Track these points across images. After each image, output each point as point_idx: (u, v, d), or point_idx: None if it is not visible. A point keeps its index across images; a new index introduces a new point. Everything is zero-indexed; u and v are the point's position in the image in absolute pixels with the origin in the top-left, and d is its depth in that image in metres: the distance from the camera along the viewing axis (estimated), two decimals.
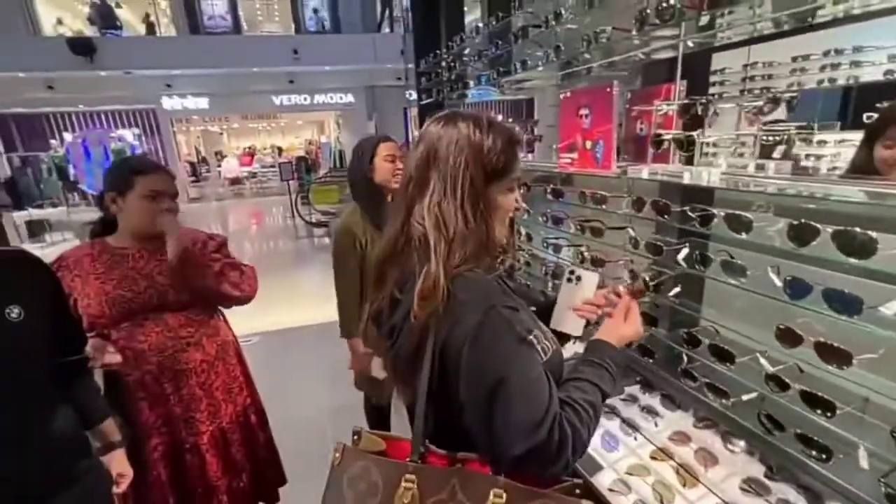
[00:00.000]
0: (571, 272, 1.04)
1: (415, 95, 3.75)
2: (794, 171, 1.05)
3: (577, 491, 0.73)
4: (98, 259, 1.32)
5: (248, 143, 17.30)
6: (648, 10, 1.20)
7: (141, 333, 1.32)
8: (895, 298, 0.79)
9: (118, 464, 1.21)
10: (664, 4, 1.14)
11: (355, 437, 0.83)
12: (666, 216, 1.20)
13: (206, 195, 14.24)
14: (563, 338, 1.00)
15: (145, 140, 12.34)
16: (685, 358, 1.23)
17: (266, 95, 12.69)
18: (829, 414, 0.88)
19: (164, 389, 1.36)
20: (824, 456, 0.90)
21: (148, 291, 1.33)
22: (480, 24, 2.28)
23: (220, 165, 15.50)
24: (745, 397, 1.08)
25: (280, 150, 16.54)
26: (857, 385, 0.86)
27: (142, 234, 1.33)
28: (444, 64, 2.73)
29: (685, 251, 1.17)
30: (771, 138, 1.10)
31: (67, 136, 10.56)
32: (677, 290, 1.24)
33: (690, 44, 1.23)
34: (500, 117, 2.14)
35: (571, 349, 1.13)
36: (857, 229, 0.78)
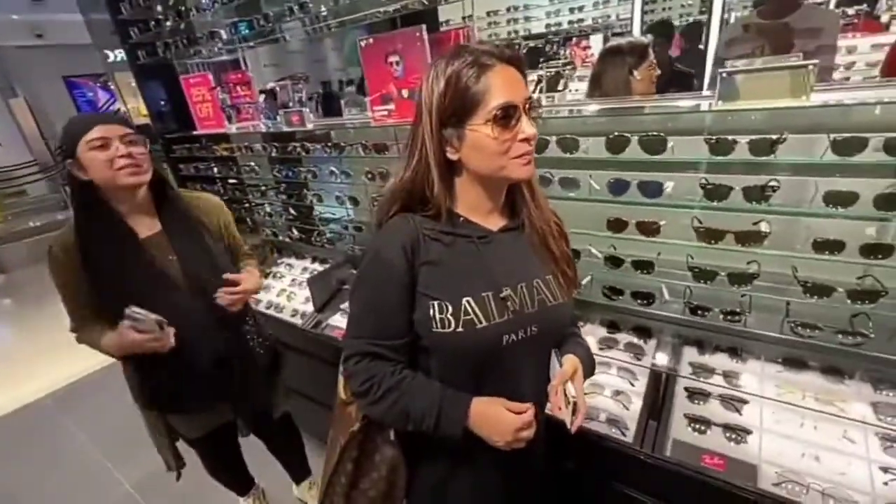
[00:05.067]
0: None
1: (114, 56, 2.82)
2: None
3: None
4: None
5: None
6: None
7: None
8: (670, 181, 1.13)
9: None
10: None
11: None
12: None
13: None
14: None
15: None
16: None
17: None
18: (648, 271, 1.22)
19: None
20: (647, 301, 1.26)
21: None
22: None
23: None
24: (583, 281, 1.37)
25: None
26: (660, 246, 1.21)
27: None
28: (158, 7, 2.10)
29: None
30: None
31: None
32: None
33: None
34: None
35: None
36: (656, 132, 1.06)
